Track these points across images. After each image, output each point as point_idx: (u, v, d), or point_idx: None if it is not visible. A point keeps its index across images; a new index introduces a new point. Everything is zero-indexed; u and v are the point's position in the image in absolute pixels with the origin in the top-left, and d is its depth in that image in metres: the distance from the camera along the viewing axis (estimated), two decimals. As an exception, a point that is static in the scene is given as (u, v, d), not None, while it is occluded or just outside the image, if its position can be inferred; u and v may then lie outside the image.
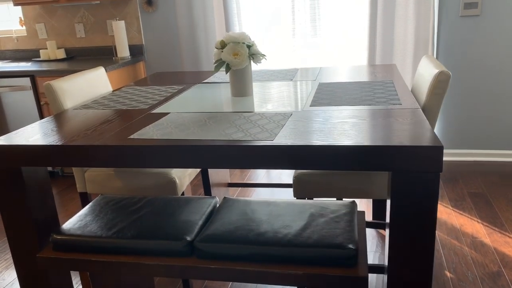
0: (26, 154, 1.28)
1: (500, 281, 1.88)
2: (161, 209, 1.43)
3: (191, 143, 1.19)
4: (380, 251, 2.15)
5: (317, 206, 1.39)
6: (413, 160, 1.06)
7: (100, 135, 1.33)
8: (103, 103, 1.78)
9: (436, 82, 1.45)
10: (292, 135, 1.21)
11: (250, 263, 1.20)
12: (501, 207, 2.48)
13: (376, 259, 2.09)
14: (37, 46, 3.67)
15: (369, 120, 1.30)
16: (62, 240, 1.32)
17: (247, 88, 1.73)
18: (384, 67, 2.24)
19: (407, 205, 1.11)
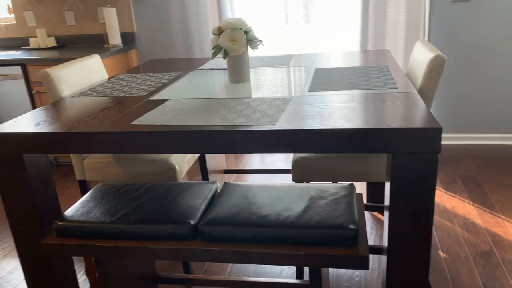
0: (28, 141, 1.28)
1: (491, 260, 1.94)
2: (163, 194, 1.45)
3: (195, 128, 1.21)
4: (375, 233, 2.20)
5: (317, 189, 1.42)
6: (412, 141, 1.09)
7: (101, 122, 1.33)
8: (100, 91, 1.78)
9: (432, 66, 1.48)
10: (292, 119, 1.23)
11: (254, 244, 1.23)
12: (491, 189, 2.55)
13: (372, 241, 2.14)
14: (26, 34, 3.62)
15: (367, 104, 1.32)
16: (66, 227, 1.34)
17: (245, 74, 1.74)
18: (378, 53, 2.26)
19: (406, 186, 1.14)
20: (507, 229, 2.15)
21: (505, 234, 2.11)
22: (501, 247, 2.02)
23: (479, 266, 1.90)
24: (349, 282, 1.86)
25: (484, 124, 3.15)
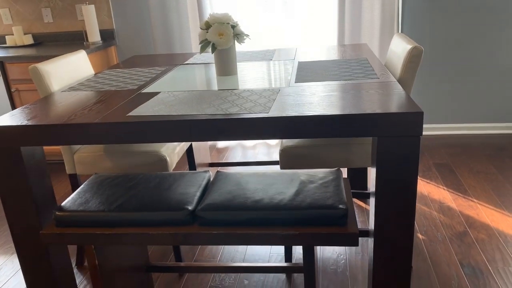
0: (27, 134, 1.31)
1: (466, 239, 2.06)
2: (158, 183, 1.49)
3: (191, 117, 1.26)
4: (357, 218, 2.30)
5: (306, 175, 1.50)
6: (396, 125, 1.18)
7: (97, 114, 1.37)
8: (90, 85, 1.80)
9: (410, 57, 1.58)
10: (284, 107, 1.30)
11: (249, 227, 1.30)
12: (464, 175, 2.69)
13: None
14: (1, 32, 3.57)
15: (351, 93, 1.40)
16: (65, 216, 1.37)
17: (232, 67, 1.80)
18: (356, 46, 2.36)
19: (391, 168, 1.23)
20: (480, 211, 2.28)
21: (478, 216, 2.24)
22: (474, 228, 2.15)
23: (455, 246, 2.02)
24: (335, 265, 1.95)
25: (457, 115, 3.30)
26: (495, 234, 2.09)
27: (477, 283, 1.77)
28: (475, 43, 3.11)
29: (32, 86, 3.06)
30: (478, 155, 2.95)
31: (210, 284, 1.88)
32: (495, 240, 2.04)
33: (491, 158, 2.89)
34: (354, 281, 1.84)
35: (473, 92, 3.24)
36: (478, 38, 3.10)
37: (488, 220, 2.20)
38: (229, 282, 1.88)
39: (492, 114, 3.27)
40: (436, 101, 3.29)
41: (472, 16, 3.05)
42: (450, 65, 3.19)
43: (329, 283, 1.84)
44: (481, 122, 3.30)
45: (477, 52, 3.13)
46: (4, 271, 2.08)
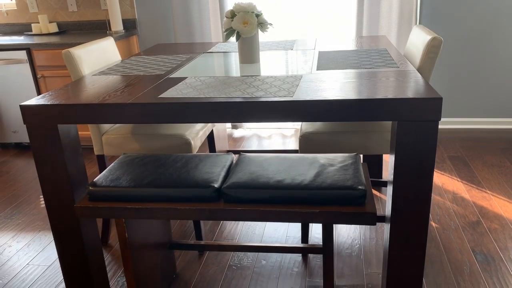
0: (64, 112, 1.40)
1: (479, 229, 2.11)
2: (185, 163, 1.57)
3: (221, 100, 1.34)
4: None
5: (326, 158, 1.56)
6: (416, 110, 1.24)
7: (129, 95, 1.45)
8: (119, 70, 1.88)
9: (430, 47, 1.63)
10: (308, 92, 1.36)
11: (272, 205, 1.37)
12: (477, 167, 2.73)
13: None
14: (27, 20, 3.68)
15: (373, 80, 1.46)
16: (98, 191, 1.46)
17: (255, 55, 1.87)
18: (375, 38, 2.41)
19: (409, 152, 1.29)
20: (493, 202, 2.33)
21: (491, 207, 2.29)
22: (487, 218, 2.19)
23: (468, 234, 2.07)
24: (350, 249, 2.02)
25: (472, 109, 3.33)
26: (508, 224, 2.13)
27: (489, 270, 1.83)
28: (492, 37, 3.13)
29: (57, 73, 3.16)
30: (493, 148, 2.98)
31: (229, 263, 1.96)
32: (508, 230, 2.09)
33: (505, 152, 2.92)
34: (369, 264, 1.90)
35: (489, 87, 3.26)
36: (495, 33, 3.11)
37: (501, 211, 2.24)
38: (247, 262, 1.96)
39: (507, 108, 3.29)
40: (451, 95, 3.32)
41: (491, 9, 3.07)
42: (466, 59, 3.21)
43: (343, 266, 1.90)
44: (496, 116, 3.32)
45: (493, 46, 3.15)
46: (32, 247, 2.18)
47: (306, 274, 1.86)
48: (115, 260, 2.05)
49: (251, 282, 1.84)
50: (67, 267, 1.64)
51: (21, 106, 1.42)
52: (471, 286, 1.74)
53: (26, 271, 2.00)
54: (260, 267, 1.92)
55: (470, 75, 3.25)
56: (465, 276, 1.80)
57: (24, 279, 1.95)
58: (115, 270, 1.98)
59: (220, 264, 1.96)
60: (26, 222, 2.42)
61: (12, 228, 2.36)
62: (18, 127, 3.39)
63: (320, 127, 1.89)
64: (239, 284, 1.83)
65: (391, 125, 1.85)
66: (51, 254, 2.11)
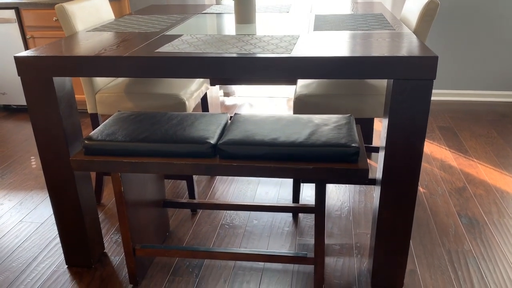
0: (59, 64, 1.38)
1: (464, 194, 2.17)
2: (181, 121, 1.58)
3: (218, 55, 1.34)
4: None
5: (320, 119, 1.58)
6: (412, 68, 1.26)
7: (125, 50, 1.44)
8: (113, 27, 1.86)
9: (427, 10, 1.64)
10: (305, 50, 1.37)
11: (267, 161, 1.39)
12: (465, 137, 2.78)
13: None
14: (15, -21, 3.57)
15: (370, 40, 1.47)
16: (93, 145, 1.46)
17: (252, 15, 1.86)
18: (371, 4, 2.40)
19: (403, 112, 1.32)
20: (479, 170, 2.39)
21: (477, 174, 2.35)
22: (473, 184, 2.25)
23: (454, 199, 2.13)
24: (339, 211, 2.07)
25: (462, 81, 3.37)
26: (493, 190, 2.19)
27: (473, 232, 1.89)
28: (485, 10, 3.14)
29: (47, 34, 3.10)
30: (481, 120, 3.04)
31: (221, 222, 2.00)
32: (492, 195, 2.15)
33: (493, 123, 2.98)
34: (357, 225, 1.96)
35: (479, 60, 3.29)
36: (488, 5, 3.12)
37: (487, 178, 2.30)
38: (239, 221, 2.00)
39: (497, 82, 3.34)
40: (442, 67, 3.35)
41: (485, -18, 3.07)
42: (458, 31, 3.22)
43: (333, 225, 1.95)
44: (486, 89, 3.37)
45: (484, 20, 3.16)
46: (25, 205, 2.19)
47: (296, 233, 1.91)
48: (108, 219, 2.07)
49: (243, 239, 1.88)
50: (62, 221, 1.66)
51: (16, 58, 1.40)
52: (456, 246, 1.80)
53: (19, 228, 2.01)
54: (252, 226, 1.96)
55: (461, 47, 3.27)
56: (450, 238, 1.86)
57: (17, 235, 1.96)
58: (108, 227, 2.00)
59: (213, 223, 2.00)
60: (18, 182, 2.42)
61: (4, 187, 2.36)
62: (7, 89, 3.34)
63: (314, 89, 1.90)
64: (231, 241, 1.87)
65: (385, 87, 1.88)
66: (44, 211, 2.13)
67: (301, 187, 2.27)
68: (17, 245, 1.90)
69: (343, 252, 1.79)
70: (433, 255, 1.76)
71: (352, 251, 1.80)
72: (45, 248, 1.87)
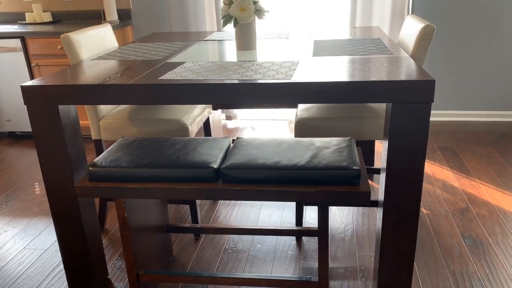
0: (65, 93, 1.42)
1: (467, 214, 2.17)
2: (183, 146, 1.60)
3: (220, 81, 1.37)
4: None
5: (321, 142, 1.60)
6: (410, 92, 1.28)
7: (129, 78, 1.47)
8: (117, 55, 1.90)
9: (423, 34, 1.68)
10: (305, 75, 1.40)
11: (270, 184, 1.40)
12: (467, 157, 2.79)
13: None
14: (21, 9, 3.66)
15: (368, 65, 1.50)
16: (98, 171, 1.48)
17: (252, 41, 1.90)
18: (369, 28, 2.45)
19: (403, 134, 1.33)
20: (481, 190, 2.39)
21: (480, 194, 2.35)
22: (476, 205, 2.25)
23: (457, 220, 2.13)
24: (343, 233, 2.06)
25: (462, 102, 3.40)
26: (496, 210, 2.19)
27: (477, 252, 1.88)
28: (483, 30, 3.19)
29: (51, 61, 3.16)
30: (482, 140, 3.05)
31: (224, 246, 2.00)
32: (496, 215, 2.15)
33: (494, 143, 2.99)
34: (361, 247, 1.95)
35: (478, 80, 3.32)
36: (486, 26, 3.18)
37: (489, 198, 2.31)
38: (242, 245, 2.00)
39: (496, 101, 3.37)
40: (441, 88, 3.38)
41: (482, 4, 3.13)
42: (457, 52, 3.27)
43: (337, 248, 1.95)
44: (485, 109, 3.39)
45: (484, 39, 3.21)
46: (28, 231, 2.20)
47: (300, 257, 1.91)
48: (111, 245, 2.07)
49: (246, 264, 1.88)
50: (66, 248, 1.67)
51: (22, 87, 1.43)
52: (460, 268, 1.80)
53: (22, 255, 2.01)
54: (255, 250, 1.96)
55: (461, 68, 3.31)
56: (454, 259, 1.85)
57: (21, 262, 1.96)
58: (112, 253, 2.00)
59: (216, 247, 2.00)
60: (22, 208, 2.43)
61: (8, 214, 2.37)
62: (12, 116, 3.38)
63: (315, 113, 1.93)
64: (234, 266, 1.87)
65: (384, 110, 1.90)
66: (47, 238, 2.13)
67: (304, 210, 2.27)
68: (20, 272, 1.90)
69: (347, 276, 1.78)
70: (438, 277, 1.75)
71: (357, 274, 1.79)
72: (49, 275, 1.87)
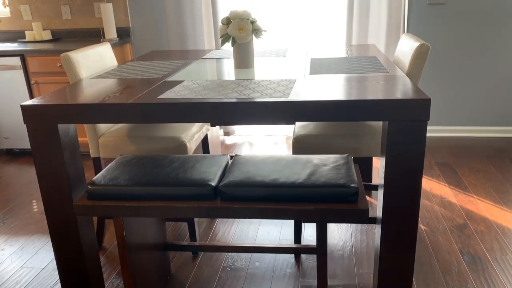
0: (64, 112, 1.43)
1: (466, 231, 2.17)
2: (182, 163, 1.61)
3: (218, 100, 1.38)
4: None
5: (319, 159, 1.61)
6: (406, 110, 1.30)
7: (129, 96, 1.49)
8: (116, 74, 1.92)
9: (418, 53, 1.70)
10: (302, 94, 1.42)
11: (268, 202, 1.41)
12: (464, 173, 2.80)
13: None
14: (21, 28, 3.70)
15: (365, 83, 1.52)
16: (96, 190, 1.48)
17: (250, 60, 1.92)
18: (364, 46, 2.48)
19: (400, 152, 1.35)
20: (479, 206, 2.40)
21: (478, 210, 2.35)
22: (474, 221, 2.26)
23: (455, 236, 2.13)
24: (341, 250, 2.06)
25: (458, 118, 3.42)
26: (494, 226, 2.20)
27: (476, 269, 1.88)
28: (477, 48, 3.24)
29: (50, 79, 3.18)
30: (479, 155, 3.07)
31: (223, 264, 1.99)
32: (494, 232, 2.15)
33: (491, 159, 3.01)
34: (360, 265, 1.95)
35: (475, 96, 3.36)
36: (480, 43, 3.22)
37: (487, 214, 2.31)
38: (241, 263, 1.99)
39: (493, 117, 3.39)
40: (438, 104, 3.41)
41: (475, 22, 3.18)
42: (453, 69, 3.31)
43: (335, 266, 1.94)
44: (482, 125, 3.42)
45: (479, 56, 3.26)
46: (26, 250, 2.19)
47: (299, 274, 1.90)
48: (109, 263, 2.06)
49: (245, 283, 1.87)
50: (64, 267, 1.66)
51: (22, 106, 1.45)
52: (459, 285, 1.79)
53: (20, 274, 2.00)
54: (254, 268, 1.95)
55: (457, 84, 3.34)
56: (453, 276, 1.85)
57: (18, 281, 1.95)
58: (110, 272, 1.99)
59: (214, 265, 1.99)
60: (19, 226, 2.42)
61: (5, 232, 2.36)
62: (11, 133, 3.39)
63: (312, 130, 1.94)
64: (233, 285, 1.86)
65: (381, 127, 1.92)
66: (45, 257, 2.12)
67: (303, 226, 2.27)
68: (17, 291, 1.88)
69: (346, 293, 1.78)
70: (437, 295, 1.74)
71: (355, 291, 1.78)
72: (46, 294, 1.86)
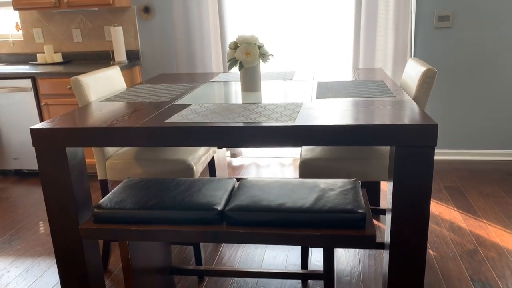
0: (73, 135, 1.44)
1: (476, 257, 2.13)
2: (188, 187, 1.61)
3: (225, 124, 1.39)
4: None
5: (326, 183, 1.60)
6: (414, 136, 1.29)
7: (136, 120, 1.50)
8: (124, 97, 1.94)
9: (425, 78, 1.71)
10: (308, 118, 1.42)
11: (274, 227, 1.40)
12: (473, 197, 2.77)
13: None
14: (32, 50, 3.78)
15: (371, 108, 1.52)
16: (103, 213, 1.48)
17: (257, 84, 1.94)
18: (372, 70, 2.49)
19: (407, 177, 1.34)
20: (489, 231, 2.36)
21: (488, 236, 2.31)
22: (484, 246, 2.22)
23: (466, 262, 2.09)
24: (349, 276, 2.03)
25: (467, 141, 3.40)
26: (505, 253, 2.15)
27: (487, 297, 1.84)
28: (484, 71, 3.24)
29: (60, 101, 3.22)
30: (488, 179, 3.03)
31: (229, 289, 1.96)
32: (505, 258, 2.11)
33: (500, 182, 2.97)
34: (368, 291, 1.91)
35: (483, 119, 3.34)
36: (487, 66, 3.23)
37: (498, 240, 2.27)
38: (247, 288, 1.96)
39: (502, 140, 3.37)
40: (446, 127, 3.40)
41: (482, 44, 3.19)
42: (460, 92, 3.31)
43: (343, 292, 1.91)
44: (491, 148, 3.39)
45: (486, 79, 3.25)
46: (31, 272, 2.18)
47: (305, 300, 1.87)
48: (114, 286, 2.04)
49: (251, 308, 1.84)
50: (68, 290, 1.64)
51: (31, 130, 1.46)
52: (470, 313, 1.75)
53: (24, 296, 1.99)
54: (259, 293, 1.92)
55: (465, 107, 3.33)
56: (464, 304, 1.81)
57: (22, 304, 1.94)
58: (114, 295, 1.97)
59: (220, 290, 1.96)
60: (25, 248, 2.41)
61: (11, 254, 2.36)
62: (19, 154, 3.42)
63: (319, 153, 1.94)
64: (239, 310, 1.83)
65: (389, 151, 1.91)
66: (50, 279, 2.11)
67: (310, 251, 2.24)
68: (21, 315, 1.87)
69: (354, 320, 1.74)
70: (448, 323, 1.70)
71: (363, 319, 1.74)
72: (50, 318, 1.84)
